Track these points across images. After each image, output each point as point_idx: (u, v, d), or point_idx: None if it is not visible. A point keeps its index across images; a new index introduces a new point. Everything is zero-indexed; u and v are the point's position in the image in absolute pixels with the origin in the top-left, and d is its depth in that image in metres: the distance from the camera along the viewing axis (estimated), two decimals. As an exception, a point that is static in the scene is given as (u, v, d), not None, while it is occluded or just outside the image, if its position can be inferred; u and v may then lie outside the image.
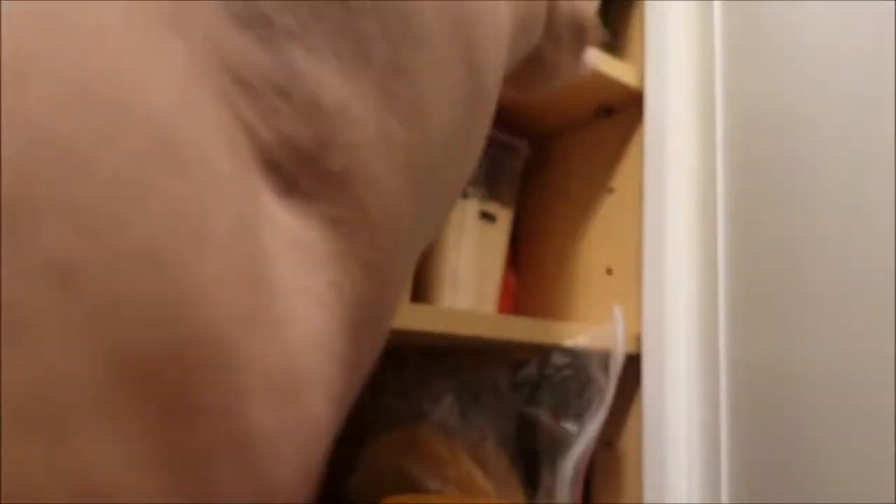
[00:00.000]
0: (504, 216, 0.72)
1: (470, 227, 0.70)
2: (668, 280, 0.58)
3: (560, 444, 0.58)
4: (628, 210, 0.65)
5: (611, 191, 0.69)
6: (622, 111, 0.68)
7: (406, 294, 0.67)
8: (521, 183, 0.75)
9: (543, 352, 0.60)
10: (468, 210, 0.70)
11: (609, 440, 0.62)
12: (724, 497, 0.53)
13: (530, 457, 0.61)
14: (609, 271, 0.67)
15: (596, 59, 0.62)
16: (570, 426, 0.58)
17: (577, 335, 0.60)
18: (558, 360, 0.59)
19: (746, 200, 0.57)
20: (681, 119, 0.60)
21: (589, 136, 0.73)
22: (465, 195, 0.70)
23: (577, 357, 0.59)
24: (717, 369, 0.56)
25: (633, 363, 0.60)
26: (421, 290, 0.68)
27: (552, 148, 0.78)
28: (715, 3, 0.58)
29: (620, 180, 0.68)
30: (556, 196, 0.77)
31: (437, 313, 0.55)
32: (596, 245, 0.69)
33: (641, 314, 0.60)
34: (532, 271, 0.77)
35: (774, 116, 0.55)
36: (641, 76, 0.63)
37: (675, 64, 0.61)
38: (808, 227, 0.50)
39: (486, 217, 0.71)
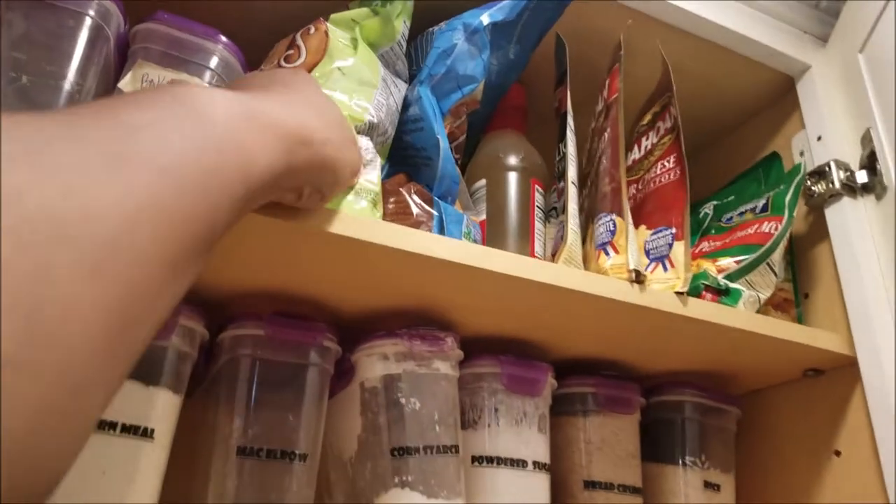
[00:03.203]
0: (727, 483, 0.73)
1: (695, 498, 0.70)
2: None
3: None
4: (860, 474, 0.64)
5: (837, 454, 0.68)
6: (833, 371, 0.70)
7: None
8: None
9: None
10: (691, 480, 0.72)
11: None
12: None
13: None
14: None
15: (798, 330, 0.65)
16: None
17: None
18: None
19: None
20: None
21: (799, 395, 0.74)
22: (683, 464, 0.72)
23: None
24: None
25: None
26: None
27: (759, 407, 0.79)
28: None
29: (846, 442, 0.67)
30: (772, 459, 0.76)
31: None
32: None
33: None
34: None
35: None
36: (850, 343, 0.66)
37: (882, 330, 0.63)
38: None
39: (711, 486, 0.71)
